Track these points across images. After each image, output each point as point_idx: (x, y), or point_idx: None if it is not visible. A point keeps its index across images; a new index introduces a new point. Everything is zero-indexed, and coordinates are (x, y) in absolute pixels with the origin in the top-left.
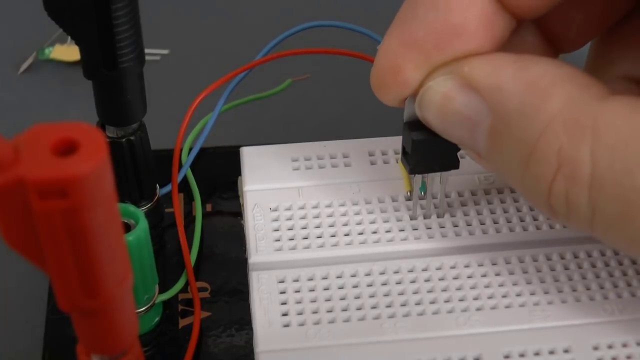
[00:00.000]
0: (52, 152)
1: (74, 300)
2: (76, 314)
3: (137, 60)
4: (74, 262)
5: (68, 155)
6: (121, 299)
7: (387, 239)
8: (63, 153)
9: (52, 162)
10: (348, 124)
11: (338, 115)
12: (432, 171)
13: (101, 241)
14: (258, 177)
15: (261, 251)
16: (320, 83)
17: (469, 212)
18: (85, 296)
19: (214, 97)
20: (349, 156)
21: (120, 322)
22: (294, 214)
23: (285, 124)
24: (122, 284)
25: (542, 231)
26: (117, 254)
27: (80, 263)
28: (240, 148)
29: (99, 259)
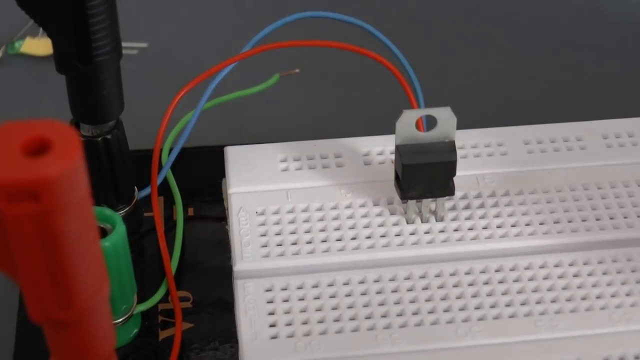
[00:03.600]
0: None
1: (46, 311)
2: (48, 325)
3: (113, 53)
4: (46, 270)
5: (39, 155)
6: (97, 309)
7: (382, 245)
8: (34, 153)
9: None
10: (340, 122)
11: (330, 113)
12: (425, 197)
13: (75, 247)
14: (243, 178)
15: (247, 258)
16: (311, 78)
17: (471, 215)
18: (58, 307)
19: (197, 93)
20: (341, 156)
21: (96, 335)
22: (282, 218)
23: (273, 122)
24: (97, 294)
25: (552, 236)
26: (93, 261)
27: (53, 271)
28: (225, 148)
29: (73, 266)
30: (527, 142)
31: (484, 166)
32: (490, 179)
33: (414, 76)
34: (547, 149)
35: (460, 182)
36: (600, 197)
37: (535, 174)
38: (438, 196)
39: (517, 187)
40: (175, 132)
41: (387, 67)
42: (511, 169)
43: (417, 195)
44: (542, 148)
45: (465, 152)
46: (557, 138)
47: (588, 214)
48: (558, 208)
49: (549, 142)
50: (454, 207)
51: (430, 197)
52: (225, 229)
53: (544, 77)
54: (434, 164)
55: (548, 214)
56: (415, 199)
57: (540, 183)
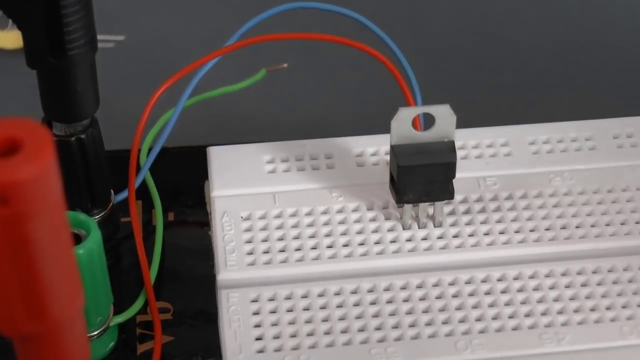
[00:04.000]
0: None
1: (16, 324)
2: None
3: (88, 46)
4: (15, 280)
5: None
6: (70, 321)
7: (377, 252)
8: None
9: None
10: (331, 120)
11: (320, 111)
12: (422, 201)
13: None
14: (228, 181)
15: (231, 266)
16: (300, 73)
17: (472, 220)
18: (29, 319)
19: (177, 89)
20: (332, 157)
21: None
22: (269, 223)
23: (259, 120)
24: (71, 305)
25: (559, 243)
26: (66, 269)
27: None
28: (207, 148)
29: (44, 275)
30: (532, 142)
31: (486, 168)
32: (493, 182)
33: (411, 71)
34: (554, 149)
35: (460, 185)
36: (611, 201)
37: (541, 176)
38: (436, 200)
39: (521, 190)
40: (154, 131)
41: (382, 61)
42: (515, 170)
43: (414, 199)
44: (549, 148)
45: (465, 152)
46: (564, 137)
47: (598, 219)
48: (565, 213)
49: (556, 142)
50: (453, 211)
51: (427, 201)
52: (208, 235)
53: (550, 71)
54: (432, 165)
55: (555, 219)
56: (412, 203)
57: (546, 186)
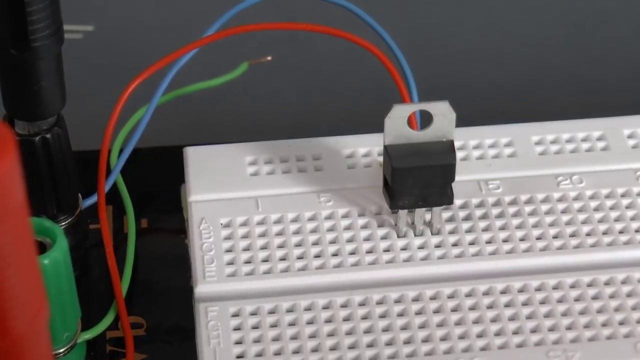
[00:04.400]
0: None
1: None
2: None
3: (54, 38)
4: None
5: None
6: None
7: (369, 262)
8: None
9: None
10: (320, 118)
11: (307, 107)
12: (419, 207)
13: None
14: (206, 184)
15: (210, 278)
16: (285, 67)
17: (473, 227)
18: None
19: (151, 84)
20: (320, 158)
21: None
22: (251, 230)
23: (241, 118)
24: (35, 320)
25: (568, 252)
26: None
27: None
28: (184, 148)
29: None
30: (539, 142)
31: (488, 170)
32: (496, 185)
33: (406, 65)
34: (562, 149)
35: (460, 189)
36: (625, 206)
37: (548, 179)
38: (434, 205)
39: (526, 194)
40: (126, 130)
41: (375, 54)
42: (519, 173)
43: (410, 204)
44: (556, 149)
45: (465, 153)
46: (574, 137)
47: (610, 226)
48: (575, 219)
49: (564, 142)
50: (452, 218)
51: (424, 207)
52: (184, 244)
53: (558, 65)
54: (429, 167)
55: (563, 227)
56: (408, 209)
57: (554, 190)
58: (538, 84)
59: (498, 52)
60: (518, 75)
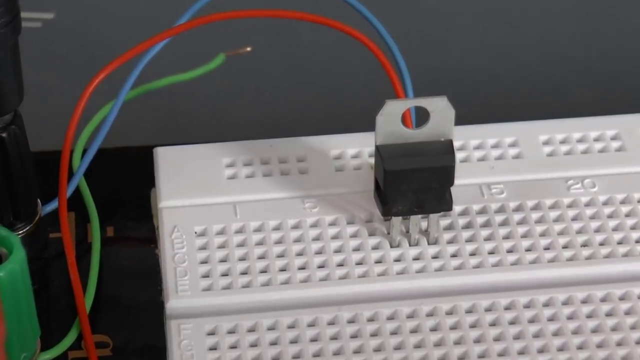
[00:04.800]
0: None
1: None
2: None
3: (9, 27)
4: None
5: None
6: None
7: (359, 275)
8: None
9: None
10: (304, 115)
11: (290, 103)
12: (414, 214)
13: None
14: (179, 188)
15: (183, 292)
16: (267, 59)
17: (474, 236)
18: None
19: (117, 78)
20: (305, 160)
21: None
22: (228, 240)
23: (217, 115)
24: None
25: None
26: None
27: None
28: (154, 149)
29: None
30: (547, 142)
31: (491, 173)
32: (499, 190)
33: (400, 57)
34: (574, 150)
35: (460, 194)
36: None
37: (558, 182)
38: (431, 212)
39: (533, 200)
40: (90, 128)
41: (366, 45)
42: (526, 176)
43: (404, 210)
44: (567, 149)
45: (466, 154)
46: (585, 136)
47: (626, 235)
48: (587, 227)
49: (575, 142)
50: (451, 226)
51: (420, 213)
52: (155, 254)
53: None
54: (425, 169)
55: (574, 236)
56: (402, 216)
57: (564, 195)
58: (546, 77)
59: (502, 42)
60: (524, 67)
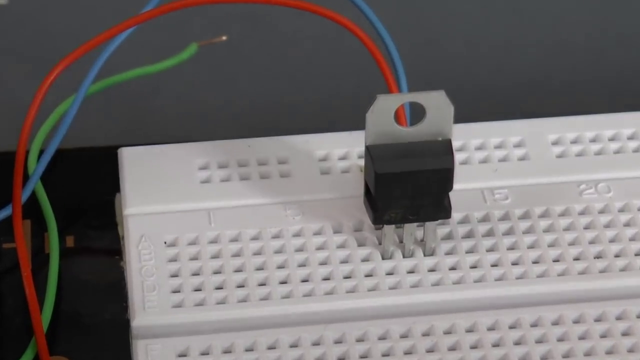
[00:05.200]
0: None
1: None
2: None
3: None
4: None
5: None
6: None
7: (347, 290)
8: None
9: None
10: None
11: (270, 98)
12: (409, 222)
13: None
14: (146, 193)
15: (151, 309)
16: (244, 50)
17: (475, 247)
18: None
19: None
20: (287, 161)
21: None
22: (201, 251)
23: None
24: None
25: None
26: None
27: None
28: (119, 149)
29: None
30: (556, 142)
31: (494, 176)
32: (503, 195)
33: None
34: (586, 150)
35: (460, 200)
36: None
37: (568, 187)
38: (427, 220)
39: (541, 206)
40: (47, 127)
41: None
42: (533, 179)
43: (398, 218)
44: (578, 150)
45: (466, 155)
46: (599, 135)
47: None
48: (601, 237)
49: (588, 142)
50: (450, 235)
51: (416, 221)
52: (120, 267)
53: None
54: (421, 172)
55: (586, 246)
56: (395, 224)
57: (576, 201)
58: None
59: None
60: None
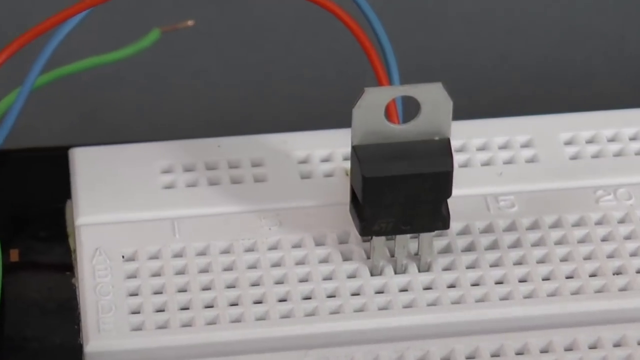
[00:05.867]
0: None
1: None
2: None
3: None
4: None
5: None
6: None
7: (330, 311)
8: None
9: None
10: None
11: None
12: (401, 232)
13: None
14: (101, 200)
15: (107, 332)
16: (215, 36)
17: (476, 261)
18: None
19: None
20: (262, 164)
21: None
22: (164, 266)
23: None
24: None
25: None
26: None
27: None
28: (70, 150)
29: None
30: (569, 141)
31: (499, 181)
32: (509, 202)
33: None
34: (603, 151)
35: (460, 208)
36: None
37: (583, 193)
38: (423, 231)
39: (552, 215)
40: None
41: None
42: (543, 184)
43: (389, 229)
44: (594, 150)
45: (467, 156)
46: (618, 134)
47: None
48: (621, 250)
49: (606, 141)
50: (448, 248)
51: (409, 232)
52: (71, 284)
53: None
54: (415, 176)
55: (604, 261)
56: (386, 236)
57: (592, 209)
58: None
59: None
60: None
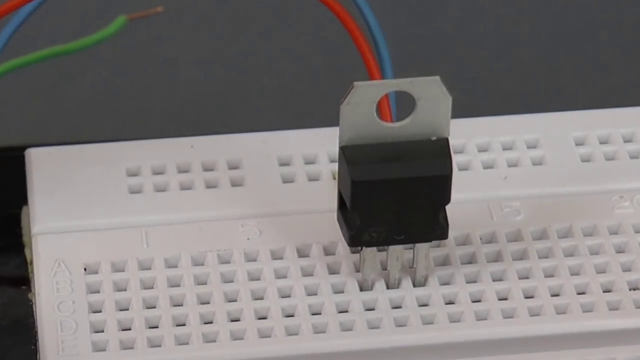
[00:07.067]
0: None
1: None
2: None
3: None
4: None
5: None
6: None
7: (315, 329)
8: None
9: None
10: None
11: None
12: (394, 243)
13: None
14: (61, 206)
15: (67, 353)
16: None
17: (478, 275)
18: None
19: None
20: (239, 166)
21: None
22: (131, 279)
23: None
24: None
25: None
26: None
27: None
28: (26, 150)
29: None
30: (581, 141)
31: (503, 185)
32: (514, 209)
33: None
34: (618, 153)
35: (460, 215)
36: None
37: (597, 199)
38: (418, 240)
39: (562, 223)
40: None
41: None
42: (551, 189)
43: (380, 238)
44: (609, 151)
45: (468, 158)
46: (636, 133)
47: None
48: (638, 263)
49: (622, 141)
50: (446, 260)
51: (403, 243)
52: (27, 300)
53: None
54: (409, 180)
55: (620, 275)
56: (377, 246)
57: (606, 216)
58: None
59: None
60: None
